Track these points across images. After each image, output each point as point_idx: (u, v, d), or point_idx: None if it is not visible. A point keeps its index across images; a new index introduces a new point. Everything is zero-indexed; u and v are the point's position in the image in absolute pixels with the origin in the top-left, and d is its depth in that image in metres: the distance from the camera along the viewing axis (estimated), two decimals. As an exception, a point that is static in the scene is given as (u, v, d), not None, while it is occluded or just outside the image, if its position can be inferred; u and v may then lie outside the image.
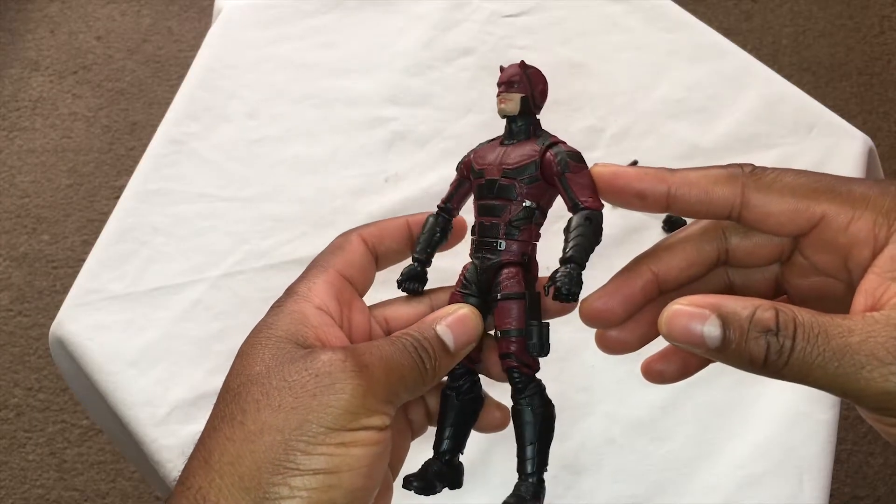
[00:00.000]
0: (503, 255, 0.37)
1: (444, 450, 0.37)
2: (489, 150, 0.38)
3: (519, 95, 0.39)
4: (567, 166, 0.37)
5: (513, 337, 0.36)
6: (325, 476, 0.30)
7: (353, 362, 0.32)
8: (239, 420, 0.31)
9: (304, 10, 1.06)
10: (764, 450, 0.75)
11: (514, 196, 0.37)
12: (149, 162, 0.93)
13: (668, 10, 1.06)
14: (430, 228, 0.39)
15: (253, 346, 0.34)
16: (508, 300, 0.36)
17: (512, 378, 0.37)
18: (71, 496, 1.47)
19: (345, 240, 0.39)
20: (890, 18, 2.04)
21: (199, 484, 0.31)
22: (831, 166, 0.91)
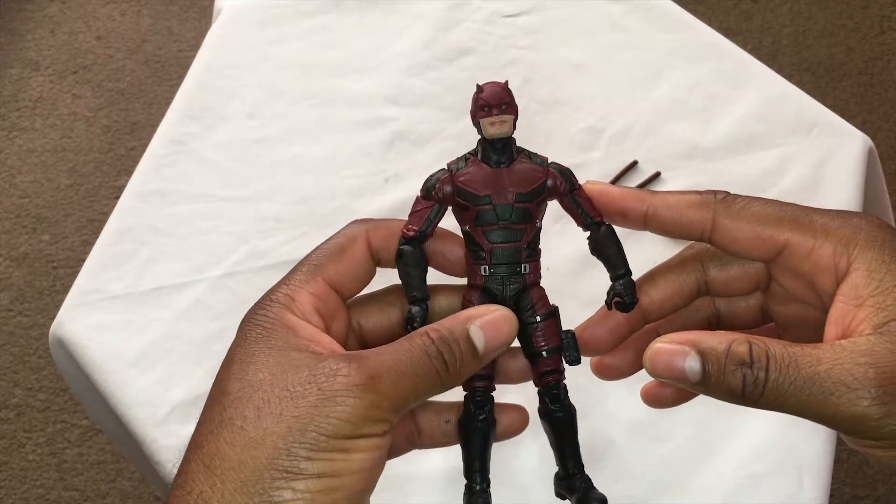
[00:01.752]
0: (528, 276, 0.38)
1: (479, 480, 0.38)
2: (477, 173, 0.37)
3: (512, 117, 0.38)
4: (573, 185, 0.38)
5: (554, 355, 0.38)
6: (327, 479, 0.30)
7: (358, 374, 0.31)
8: (239, 426, 0.31)
9: (304, 10, 1.06)
10: (764, 450, 0.75)
11: (531, 219, 0.37)
12: (149, 162, 0.93)
13: (668, 10, 1.06)
14: (415, 262, 0.37)
15: (252, 353, 0.34)
16: (547, 319, 0.38)
17: (551, 391, 0.38)
18: (71, 496, 1.47)
19: (350, 240, 0.37)
20: (890, 18, 2.04)
21: (199, 488, 0.31)
22: (831, 166, 0.91)
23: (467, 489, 0.38)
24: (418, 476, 0.73)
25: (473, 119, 0.38)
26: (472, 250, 0.38)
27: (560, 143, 0.94)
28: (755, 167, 0.92)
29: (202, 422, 0.33)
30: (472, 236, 0.37)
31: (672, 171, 0.92)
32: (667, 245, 0.87)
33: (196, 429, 0.33)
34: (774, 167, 0.92)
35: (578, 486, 0.38)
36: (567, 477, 0.38)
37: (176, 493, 0.32)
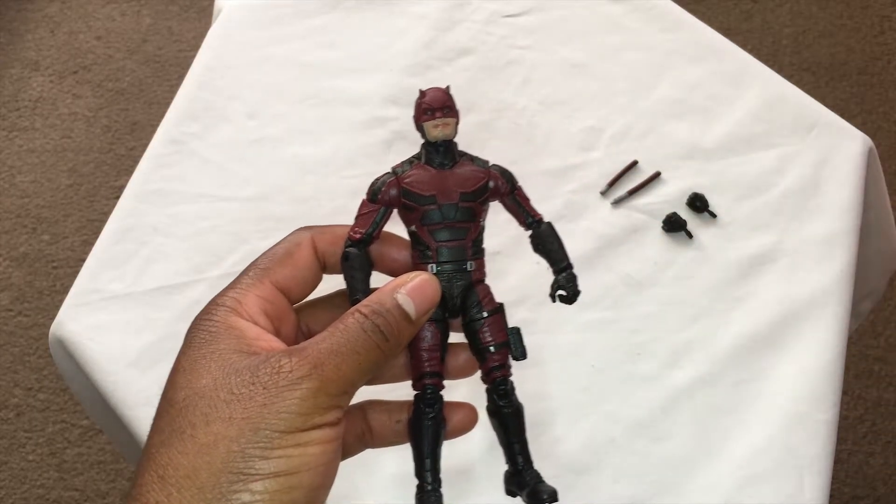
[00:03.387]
0: (473, 274, 0.39)
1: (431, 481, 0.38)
2: (422, 175, 0.39)
3: (454, 120, 0.39)
4: (514, 186, 0.40)
5: (501, 349, 0.38)
6: (284, 478, 0.30)
7: (301, 366, 0.32)
8: (189, 434, 0.31)
9: (304, 10, 1.06)
10: (764, 450, 0.75)
11: (473, 218, 0.39)
12: (149, 162, 0.93)
13: (668, 10, 1.06)
14: (361, 265, 0.38)
15: (195, 360, 0.34)
16: (493, 315, 0.38)
17: (499, 386, 0.39)
18: (71, 496, 1.47)
19: (295, 245, 0.39)
20: (890, 18, 2.04)
21: (155, 499, 0.31)
22: (831, 166, 0.91)
23: (419, 489, 0.38)
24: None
25: (416, 123, 0.39)
26: (419, 250, 0.39)
27: (560, 143, 0.94)
28: (755, 167, 0.92)
29: (152, 434, 0.33)
30: (419, 236, 0.39)
31: (672, 171, 0.92)
32: (666, 245, 0.87)
33: (147, 441, 0.33)
34: (774, 167, 0.92)
35: (528, 481, 0.38)
36: (517, 473, 0.39)
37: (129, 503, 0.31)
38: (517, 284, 0.80)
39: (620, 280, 0.84)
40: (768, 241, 0.87)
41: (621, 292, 0.84)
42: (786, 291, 0.84)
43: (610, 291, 0.84)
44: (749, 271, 0.85)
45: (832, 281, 0.84)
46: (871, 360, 1.57)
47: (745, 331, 0.81)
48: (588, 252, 0.84)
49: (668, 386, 0.78)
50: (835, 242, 0.86)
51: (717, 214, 0.89)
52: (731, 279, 0.85)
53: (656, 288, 0.84)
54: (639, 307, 0.83)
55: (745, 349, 0.80)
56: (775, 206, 0.89)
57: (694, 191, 0.90)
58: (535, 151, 0.93)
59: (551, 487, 0.38)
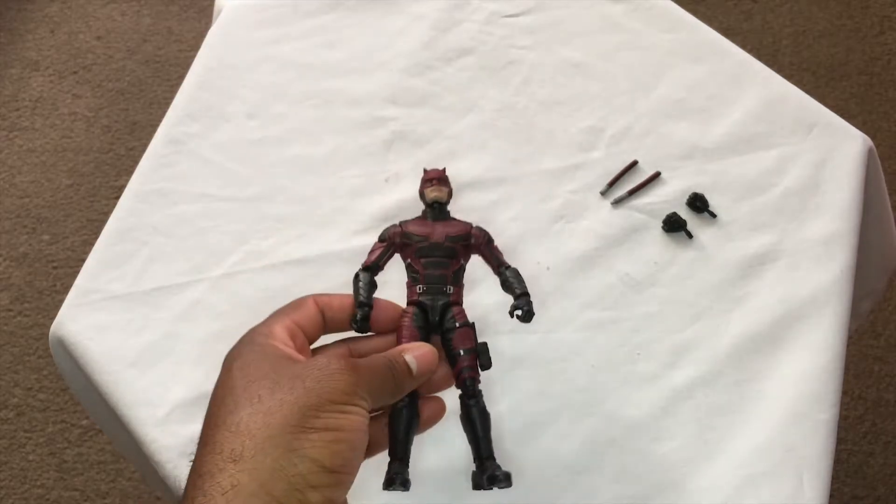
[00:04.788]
0: (451, 296, 0.50)
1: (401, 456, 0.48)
2: (419, 224, 0.52)
3: (446, 189, 0.54)
4: (490, 240, 0.53)
5: (469, 354, 0.49)
6: (334, 432, 0.39)
7: (345, 362, 0.42)
8: (257, 401, 0.40)
9: (304, 10, 1.06)
10: (764, 450, 0.75)
11: (456, 255, 0.51)
12: (149, 162, 0.93)
13: (669, 10, 1.06)
14: (368, 283, 0.50)
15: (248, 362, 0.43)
16: (464, 328, 0.50)
17: (466, 386, 0.49)
18: (71, 496, 1.47)
19: (302, 301, 0.48)
20: (890, 19, 2.04)
21: (230, 447, 0.38)
22: (831, 166, 0.92)
23: (389, 464, 0.48)
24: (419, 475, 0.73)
25: (420, 192, 0.54)
26: (411, 276, 0.51)
27: (560, 143, 0.94)
28: (755, 167, 0.92)
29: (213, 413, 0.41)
30: (412, 265, 0.51)
31: (672, 171, 0.92)
32: (666, 245, 0.87)
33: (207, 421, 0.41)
34: (774, 167, 0.92)
35: (488, 468, 0.48)
36: (480, 465, 0.48)
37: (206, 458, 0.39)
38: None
39: (620, 280, 0.84)
40: (768, 240, 0.87)
41: (621, 292, 0.84)
42: (786, 291, 0.84)
43: (610, 291, 0.84)
44: (749, 271, 0.85)
45: (832, 281, 0.84)
46: (871, 359, 1.57)
47: (745, 331, 0.81)
48: (588, 252, 0.85)
49: (668, 386, 0.79)
50: (835, 242, 0.86)
51: (717, 214, 0.89)
52: (731, 279, 0.85)
53: (656, 288, 0.84)
54: (639, 307, 0.83)
55: (745, 349, 0.80)
56: (775, 206, 0.89)
57: (694, 191, 0.90)
58: (535, 151, 0.93)
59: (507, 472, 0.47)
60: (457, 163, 0.90)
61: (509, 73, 1.00)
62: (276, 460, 0.37)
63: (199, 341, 0.81)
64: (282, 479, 0.37)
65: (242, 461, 0.37)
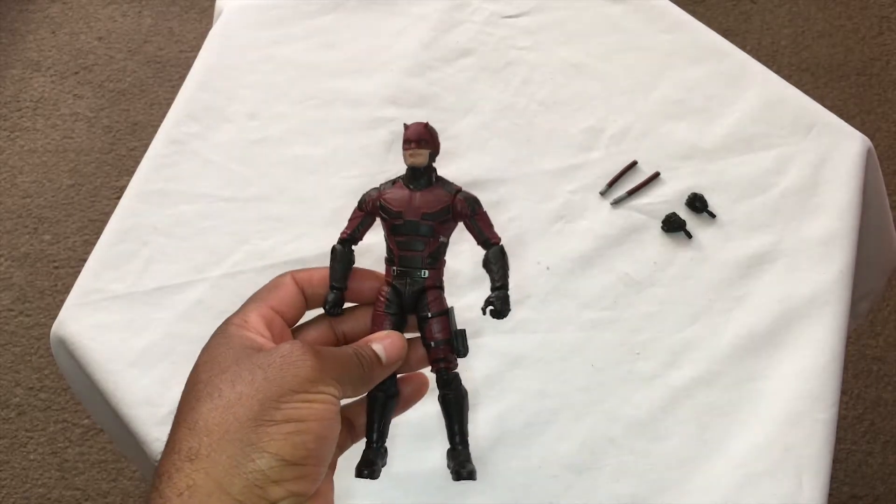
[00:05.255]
0: (426, 281, 0.46)
1: (376, 439, 0.46)
2: (397, 193, 0.47)
3: (427, 151, 0.47)
4: (475, 211, 0.46)
5: (442, 345, 0.46)
6: (296, 423, 0.37)
7: (308, 349, 0.40)
8: (216, 395, 0.38)
9: (305, 11, 1.06)
10: (763, 449, 0.75)
11: (432, 234, 0.46)
12: (150, 162, 0.94)
13: (668, 10, 1.06)
14: (342, 259, 0.47)
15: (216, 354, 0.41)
16: (438, 317, 0.46)
17: (441, 376, 0.46)
18: (72, 495, 1.47)
19: (280, 280, 0.46)
20: (889, 19, 2.04)
21: (188, 445, 0.37)
22: (830, 166, 0.92)
23: (367, 446, 0.46)
24: (419, 475, 0.73)
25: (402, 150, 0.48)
26: (388, 253, 0.47)
27: (560, 143, 0.94)
28: (754, 167, 0.92)
29: (179, 408, 0.40)
30: (388, 242, 0.47)
31: (671, 171, 0.92)
32: (665, 245, 0.87)
33: (175, 415, 0.40)
34: (773, 167, 0.92)
35: (457, 458, 0.46)
36: (452, 449, 0.46)
37: (166, 458, 0.37)
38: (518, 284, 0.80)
39: (620, 280, 0.84)
40: (767, 241, 0.87)
41: (621, 292, 0.84)
42: (785, 291, 0.84)
43: (609, 291, 0.84)
44: (748, 271, 0.85)
45: (831, 281, 0.84)
46: (870, 359, 1.58)
47: (744, 330, 0.82)
48: (588, 252, 0.85)
49: (667, 385, 0.79)
50: (834, 242, 0.87)
51: (716, 214, 0.89)
52: (731, 279, 0.85)
53: (656, 288, 0.84)
54: (638, 307, 0.83)
55: (744, 349, 0.81)
56: (774, 207, 0.90)
57: (693, 191, 0.90)
58: (535, 151, 0.93)
59: (472, 467, 0.46)
60: (457, 163, 0.90)
61: (509, 73, 1.00)
62: (232, 457, 0.36)
63: (200, 341, 0.81)
64: (239, 476, 0.36)
65: (199, 460, 0.36)
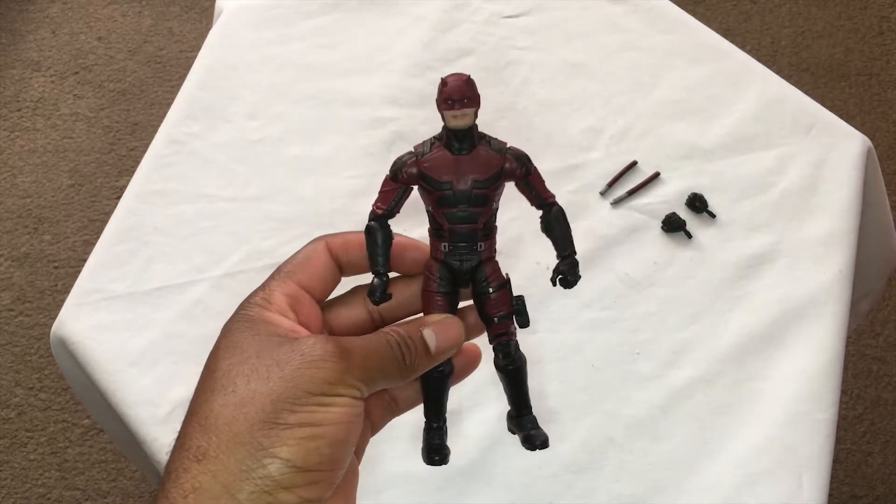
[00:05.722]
0: (483, 254, 0.42)
1: (437, 421, 0.42)
2: (440, 159, 0.41)
3: (472, 110, 0.41)
4: (528, 170, 0.42)
5: (504, 321, 0.42)
6: (310, 428, 0.35)
7: (334, 345, 0.37)
8: (231, 390, 0.36)
9: (305, 11, 1.06)
10: (763, 449, 0.75)
11: (486, 202, 0.41)
12: (150, 162, 0.94)
13: (668, 10, 1.06)
14: (383, 240, 0.41)
15: (236, 340, 0.38)
16: (499, 290, 0.42)
17: (504, 349, 0.42)
18: (72, 495, 1.47)
19: (312, 250, 0.43)
20: (889, 19, 2.04)
21: (197, 444, 0.35)
22: (830, 166, 0.92)
23: (426, 426, 0.42)
24: (419, 475, 0.73)
25: (439, 109, 0.41)
26: (434, 227, 0.42)
27: (560, 143, 0.94)
28: (754, 167, 0.92)
29: (194, 397, 0.37)
30: (434, 216, 0.41)
31: (671, 172, 0.92)
32: (665, 245, 0.87)
33: (189, 404, 0.37)
34: (773, 167, 0.92)
35: (525, 425, 0.42)
36: (517, 417, 0.43)
37: (175, 454, 0.36)
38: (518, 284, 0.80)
39: (620, 280, 0.84)
40: (767, 241, 0.87)
41: (621, 292, 0.84)
42: (785, 291, 0.84)
43: (609, 291, 0.84)
44: (748, 271, 0.85)
45: (831, 281, 0.84)
46: (870, 359, 1.58)
47: (744, 330, 0.82)
48: (588, 252, 0.85)
49: (667, 385, 0.79)
50: (833, 242, 0.87)
51: (716, 214, 0.89)
52: (731, 279, 0.85)
53: (656, 288, 0.84)
54: (638, 307, 0.83)
55: (744, 349, 0.81)
56: (774, 207, 0.90)
57: (693, 191, 0.90)
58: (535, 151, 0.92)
59: (544, 434, 0.42)
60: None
61: (509, 73, 1.00)
62: (241, 461, 0.34)
63: (200, 341, 0.81)
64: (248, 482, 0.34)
65: (206, 461, 0.34)
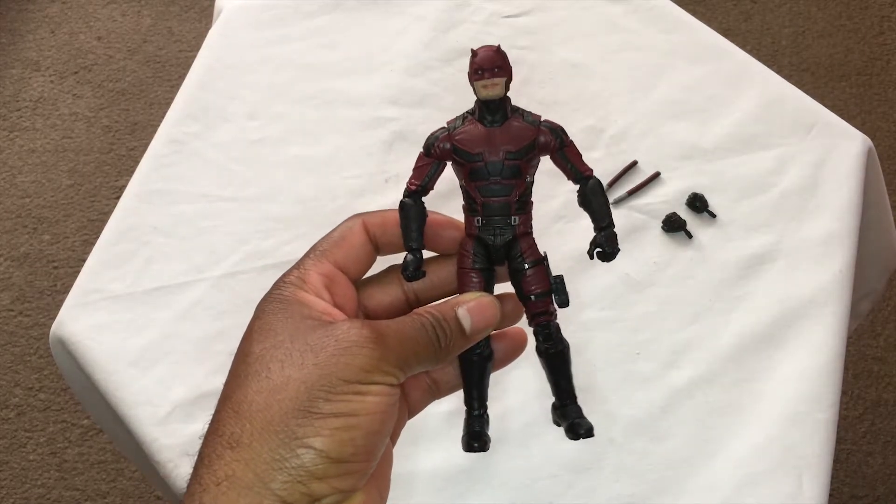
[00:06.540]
0: (518, 228, 0.41)
1: (478, 407, 0.41)
2: (472, 132, 0.41)
3: (503, 79, 0.41)
4: (563, 142, 0.41)
5: (542, 298, 0.40)
6: (345, 418, 0.34)
7: (369, 331, 0.36)
8: (265, 376, 0.35)
9: (305, 10, 1.06)
10: (763, 449, 0.75)
11: (519, 175, 0.40)
12: (149, 162, 0.94)
13: (668, 10, 1.06)
14: (416, 215, 0.40)
15: (270, 323, 0.38)
16: (535, 267, 0.40)
17: (543, 330, 0.41)
18: (72, 496, 1.47)
19: (348, 229, 0.42)
20: (889, 19, 2.04)
21: (230, 430, 0.35)
22: (830, 166, 0.92)
23: (467, 413, 0.41)
24: (419, 475, 0.73)
25: (470, 81, 0.41)
26: (468, 202, 0.41)
27: (560, 144, 0.94)
28: (754, 167, 0.92)
29: (228, 381, 0.37)
30: (468, 190, 0.41)
31: (671, 171, 0.92)
32: (666, 245, 0.87)
33: (223, 388, 0.37)
34: (773, 167, 0.92)
35: (569, 415, 0.41)
36: (561, 406, 0.41)
37: (208, 439, 0.35)
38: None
39: (620, 280, 0.84)
40: (767, 240, 0.87)
41: (621, 292, 0.84)
42: (785, 291, 0.84)
43: (610, 291, 0.84)
44: (748, 271, 0.85)
45: (831, 281, 0.84)
46: (870, 359, 1.57)
47: (744, 330, 0.82)
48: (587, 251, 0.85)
49: (667, 385, 0.79)
50: (834, 242, 0.86)
51: (716, 214, 0.89)
52: (731, 279, 0.85)
53: (656, 288, 0.84)
54: (638, 307, 0.83)
55: (744, 349, 0.81)
56: (775, 206, 0.89)
57: (693, 191, 0.90)
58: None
59: (589, 423, 0.41)
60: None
61: (509, 73, 1.00)
62: (274, 450, 0.34)
63: (200, 341, 0.81)
64: (281, 471, 0.33)
65: (240, 448, 0.34)
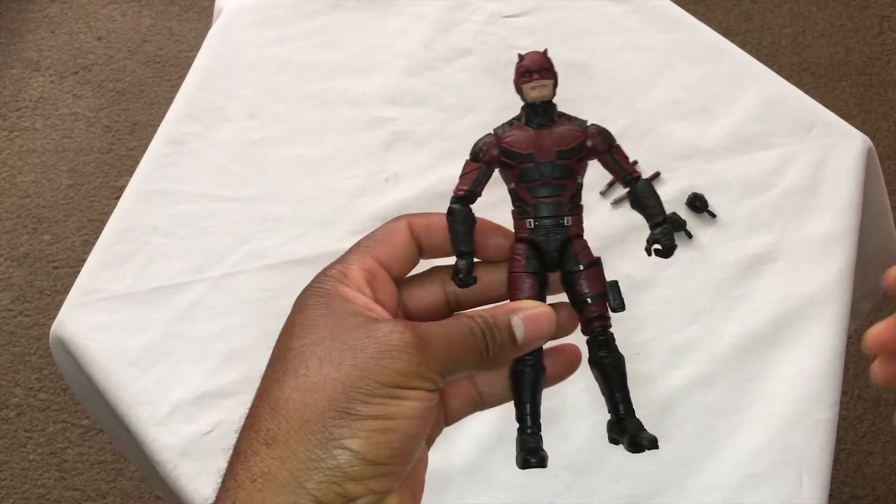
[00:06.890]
0: (570, 229, 0.40)
1: (531, 423, 0.40)
2: (520, 135, 0.41)
3: (551, 82, 0.41)
4: (611, 144, 0.40)
5: (598, 301, 0.40)
6: (382, 420, 0.34)
7: (411, 334, 0.35)
8: (303, 373, 0.35)
9: (305, 10, 1.06)
10: (763, 449, 0.75)
11: (570, 175, 0.40)
12: (149, 162, 0.94)
13: (668, 10, 1.06)
14: (464, 220, 0.40)
15: (311, 318, 0.37)
16: (589, 269, 0.40)
17: (598, 337, 0.40)
18: (71, 496, 1.47)
19: (393, 227, 0.41)
20: (889, 19, 2.04)
21: (267, 427, 0.34)
22: (830, 166, 0.92)
23: (519, 431, 0.40)
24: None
25: (516, 86, 0.42)
26: (518, 206, 0.40)
27: (560, 144, 0.94)
28: (754, 167, 0.92)
29: (266, 376, 0.37)
30: (518, 193, 0.40)
31: (671, 171, 0.92)
32: (666, 245, 0.87)
33: (261, 382, 0.37)
34: (774, 167, 0.92)
35: (629, 428, 0.40)
36: (618, 421, 0.40)
37: (244, 434, 0.35)
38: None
39: (620, 280, 0.84)
40: (768, 240, 0.87)
41: (621, 292, 0.84)
42: (785, 291, 0.84)
43: (610, 291, 0.84)
44: (748, 271, 0.85)
45: (831, 281, 0.84)
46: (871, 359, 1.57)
47: (744, 330, 0.81)
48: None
49: (667, 385, 0.79)
50: (834, 242, 0.86)
51: (716, 214, 0.89)
52: (731, 279, 0.85)
53: (656, 288, 0.84)
54: (639, 307, 0.83)
55: (744, 349, 0.81)
56: (775, 206, 0.89)
57: (693, 191, 0.90)
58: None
59: (651, 435, 0.40)
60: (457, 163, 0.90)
61: (509, 73, 1.00)
62: (310, 449, 0.34)
63: (200, 341, 0.81)
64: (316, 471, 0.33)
65: (276, 445, 0.34)
